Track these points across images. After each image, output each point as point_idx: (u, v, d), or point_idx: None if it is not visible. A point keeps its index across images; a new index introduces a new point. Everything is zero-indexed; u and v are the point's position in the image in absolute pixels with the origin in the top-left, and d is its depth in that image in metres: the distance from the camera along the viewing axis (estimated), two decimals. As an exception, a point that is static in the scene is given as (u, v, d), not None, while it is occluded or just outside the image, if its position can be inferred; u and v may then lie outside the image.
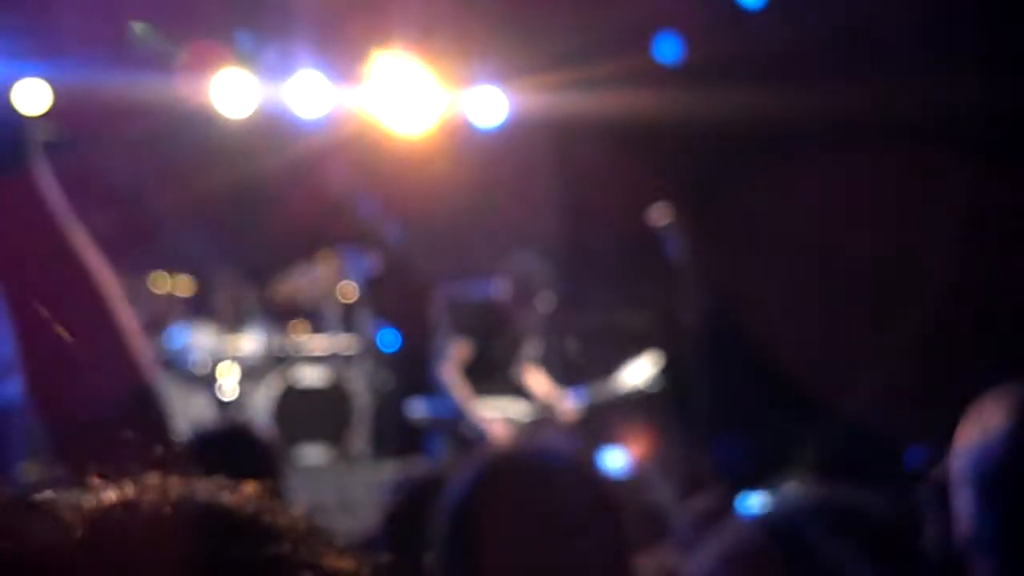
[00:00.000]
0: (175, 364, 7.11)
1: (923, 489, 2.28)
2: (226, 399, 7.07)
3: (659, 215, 7.24)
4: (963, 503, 1.97)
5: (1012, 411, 2.00)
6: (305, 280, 7.48)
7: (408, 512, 2.66)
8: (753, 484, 5.25)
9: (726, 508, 3.96)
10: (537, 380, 7.10)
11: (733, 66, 7.52)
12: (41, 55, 7.16)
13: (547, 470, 1.81)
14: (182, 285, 7.30)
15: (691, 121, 7.76)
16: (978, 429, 1.99)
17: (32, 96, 7.16)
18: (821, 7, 7.51)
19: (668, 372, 7.29)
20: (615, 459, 6.76)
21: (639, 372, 7.24)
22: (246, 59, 7.42)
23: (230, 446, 3.24)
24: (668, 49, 8.14)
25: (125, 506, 0.82)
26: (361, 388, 7.29)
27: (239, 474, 2.87)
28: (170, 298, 7.26)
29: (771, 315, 7.82)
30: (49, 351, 1.25)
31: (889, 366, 7.35)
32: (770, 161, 7.83)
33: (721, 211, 8.01)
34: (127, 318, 1.27)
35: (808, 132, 7.60)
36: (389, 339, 7.82)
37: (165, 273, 7.31)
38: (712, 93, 7.55)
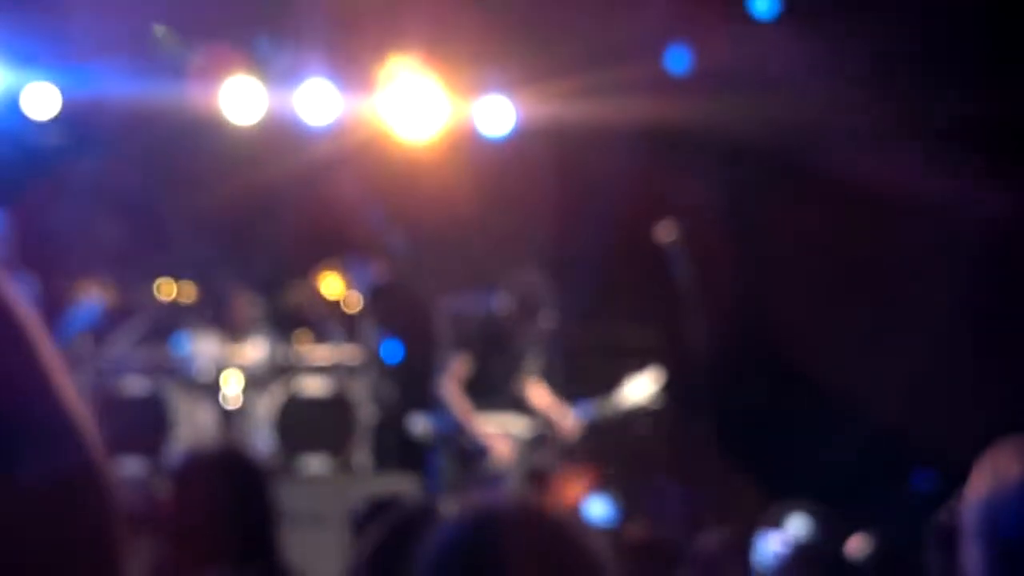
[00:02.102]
0: (179, 371, 7.11)
1: (929, 534, 2.25)
2: (229, 407, 7.07)
3: (665, 232, 7.21)
4: (973, 556, 1.94)
5: None
6: (310, 290, 7.47)
7: (393, 550, 2.65)
8: (763, 517, 5.23)
9: (738, 547, 3.93)
10: (539, 395, 7.08)
11: (744, 77, 7.48)
12: (50, 59, 7.16)
13: (534, 529, 1.78)
14: (186, 292, 7.31)
15: (701, 132, 7.73)
16: (992, 481, 1.96)
17: (41, 100, 7.17)
18: (833, 18, 7.47)
19: (671, 389, 7.26)
20: (599, 507, 6.74)
21: (642, 388, 7.21)
22: (260, 64, 7.41)
23: (222, 468, 3.24)
24: (678, 60, 8.10)
25: None
26: (364, 399, 7.28)
27: (230, 496, 2.84)
28: (175, 305, 7.26)
29: (779, 330, 7.79)
30: None
31: (899, 385, 7.32)
32: (782, 173, 7.80)
33: (731, 224, 7.98)
34: (65, 383, 1.19)
35: (820, 143, 7.57)
36: (392, 350, 7.81)
37: (171, 280, 7.31)
38: (722, 104, 7.52)
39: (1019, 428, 2.08)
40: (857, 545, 4.97)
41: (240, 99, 7.38)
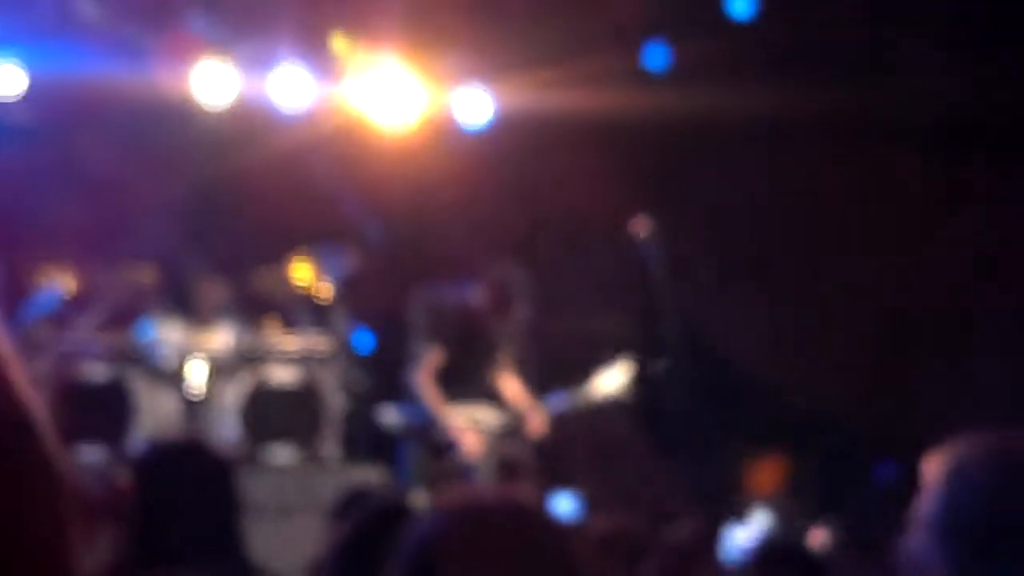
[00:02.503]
0: (143, 358, 6.99)
1: (896, 526, 2.22)
2: (194, 396, 6.96)
3: (641, 225, 7.20)
4: (930, 548, 1.92)
5: (991, 464, 1.94)
6: (280, 277, 7.36)
7: (362, 546, 2.58)
8: (730, 510, 5.25)
9: (706, 540, 3.89)
10: (511, 387, 7.03)
11: (721, 76, 7.50)
12: (17, 38, 7.05)
13: (508, 525, 1.76)
14: (152, 277, 7.17)
15: (677, 128, 7.72)
16: (953, 475, 1.93)
17: (7, 79, 7.07)
18: (811, 20, 7.49)
19: (642, 381, 7.23)
20: (566, 503, 6.71)
21: (613, 380, 7.16)
22: (231, 47, 7.33)
23: (185, 459, 3.18)
24: (657, 57, 8.09)
25: None
26: (333, 389, 7.18)
27: (193, 487, 2.76)
28: (140, 290, 7.12)
29: (745, 324, 7.80)
30: None
31: (862, 376, 7.35)
32: (753, 170, 7.80)
33: (703, 221, 7.97)
34: (18, 372, 1.14)
35: (793, 143, 7.58)
36: (364, 340, 7.73)
37: (136, 265, 7.18)
38: (698, 101, 7.51)
39: (978, 421, 2.07)
40: (819, 537, 4.97)
41: (212, 82, 7.33)
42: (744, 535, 6.21)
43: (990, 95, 7.19)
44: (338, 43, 7.47)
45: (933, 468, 1.95)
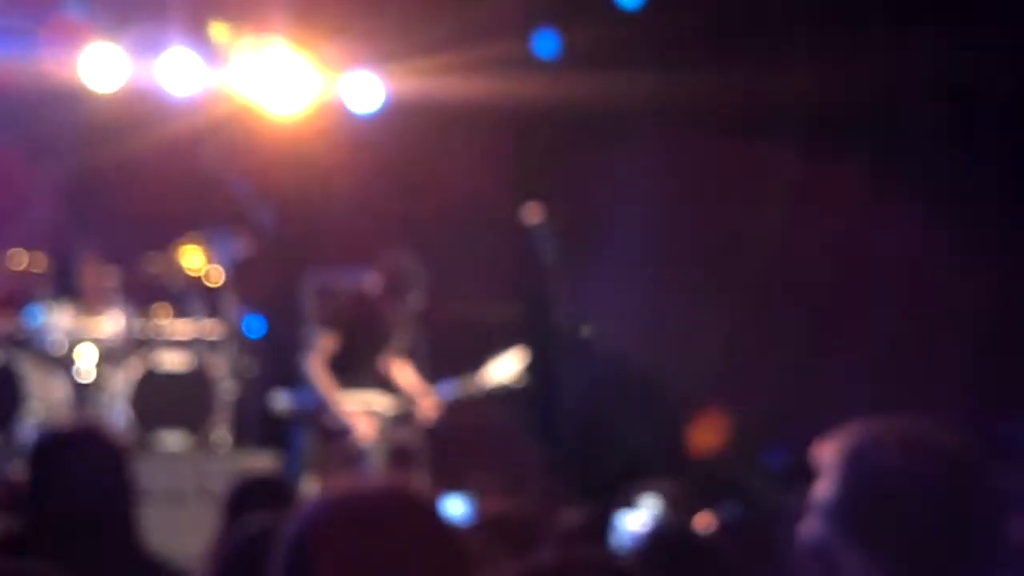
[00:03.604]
0: (32, 343, 6.90)
1: (783, 512, 2.25)
2: (83, 381, 6.89)
3: (532, 212, 7.26)
4: (826, 535, 1.91)
5: (890, 448, 1.92)
6: (170, 262, 7.31)
7: (252, 551, 2.58)
8: (619, 497, 5.35)
9: (596, 526, 3.96)
10: (404, 374, 7.08)
11: (610, 63, 7.58)
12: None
13: (384, 517, 1.76)
14: (38, 262, 7.06)
15: (566, 115, 7.80)
16: (852, 463, 1.92)
17: None
18: (699, 9, 7.61)
19: (534, 369, 7.31)
20: (457, 505, 6.77)
21: (505, 368, 7.25)
22: (120, 31, 7.25)
23: (80, 445, 3.18)
24: (547, 44, 8.16)
25: None
26: (224, 374, 7.16)
27: (86, 473, 2.79)
28: (29, 275, 7.02)
29: (634, 314, 7.91)
30: None
31: (751, 362, 7.49)
32: (642, 157, 7.91)
33: (593, 207, 8.07)
34: None
35: (681, 131, 7.69)
36: (255, 325, 7.70)
37: (22, 250, 7.08)
38: (588, 89, 7.60)
39: (864, 409, 2.11)
40: (704, 521, 5.08)
41: (100, 66, 7.24)
42: (634, 521, 6.32)
43: (869, 90, 7.39)
44: (218, 30, 7.41)
45: (828, 454, 1.94)
